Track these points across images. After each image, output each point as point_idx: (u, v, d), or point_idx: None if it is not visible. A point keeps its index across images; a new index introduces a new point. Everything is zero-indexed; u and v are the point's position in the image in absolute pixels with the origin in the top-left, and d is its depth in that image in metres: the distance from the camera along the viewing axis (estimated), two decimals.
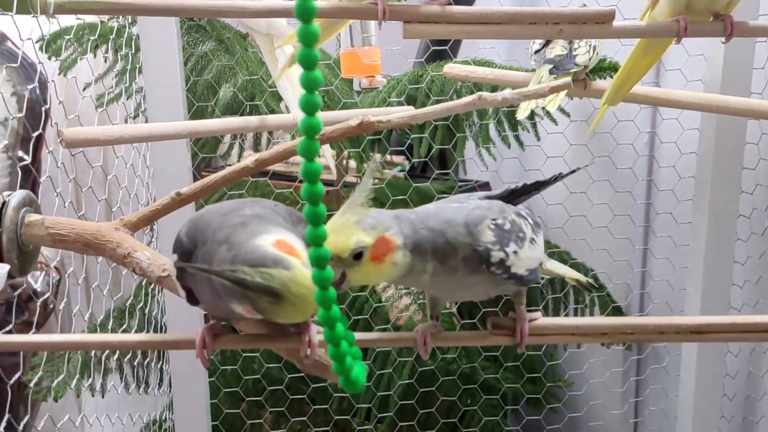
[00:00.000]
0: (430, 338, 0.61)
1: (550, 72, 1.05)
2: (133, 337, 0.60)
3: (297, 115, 0.89)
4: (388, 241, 0.53)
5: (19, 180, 0.95)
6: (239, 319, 0.60)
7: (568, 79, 0.71)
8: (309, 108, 0.35)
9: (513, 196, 0.65)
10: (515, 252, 0.57)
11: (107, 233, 0.62)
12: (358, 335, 0.58)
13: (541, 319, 0.61)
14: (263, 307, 0.48)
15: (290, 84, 0.92)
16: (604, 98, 0.96)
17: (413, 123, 0.65)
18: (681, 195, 1.35)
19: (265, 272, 0.47)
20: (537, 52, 1.08)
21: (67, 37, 1.23)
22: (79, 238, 0.62)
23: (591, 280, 0.76)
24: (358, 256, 0.52)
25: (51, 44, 1.29)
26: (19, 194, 0.62)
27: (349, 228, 0.52)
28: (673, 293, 1.39)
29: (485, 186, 1.74)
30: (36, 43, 1.17)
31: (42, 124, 1.41)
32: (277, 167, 1.77)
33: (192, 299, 0.58)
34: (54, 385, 1.06)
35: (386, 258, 0.53)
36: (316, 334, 0.58)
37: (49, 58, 1.29)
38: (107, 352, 1.17)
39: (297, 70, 0.93)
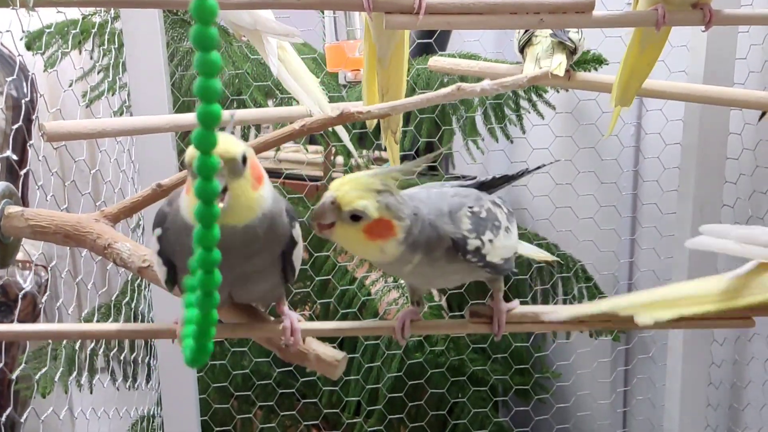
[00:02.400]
0: (409, 325, 0.61)
1: (551, 36, 1.04)
2: (112, 326, 0.60)
3: (309, 105, 0.89)
4: (391, 227, 0.53)
5: (3, 174, 0.94)
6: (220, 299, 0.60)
7: (545, 69, 0.72)
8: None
9: (483, 188, 0.66)
10: (491, 240, 0.58)
11: (87, 224, 0.62)
12: (341, 324, 0.58)
13: (519, 308, 0.61)
14: None
15: (293, 76, 0.92)
16: (612, 100, 0.96)
17: (393, 113, 0.66)
18: (666, 185, 1.35)
19: None
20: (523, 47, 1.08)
21: (48, 30, 1.22)
22: (58, 229, 0.62)
23: (558, 259, 0.76)
24: (355, 218, 0.52)
25: (35, 41, 1.28)
26: None
27: (368, 190, 0.52)
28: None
29: (472, 179, 1.74)
30: (20, 40, 1.17)
31: (25, 117, 1.40)
32: (265, 164, 1.79)
33: (171, 280, 0.57)
34: (38, 377, 1.06)
35: (378, 240, 0.53)
36: (297, 322, 0.58)
37: (33, 55, 1.29)
38: (94, 347, 1.17)
39: (297, 63, 0.93)
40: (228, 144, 0.49)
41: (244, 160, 0.50)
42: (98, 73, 1.32)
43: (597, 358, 1.52)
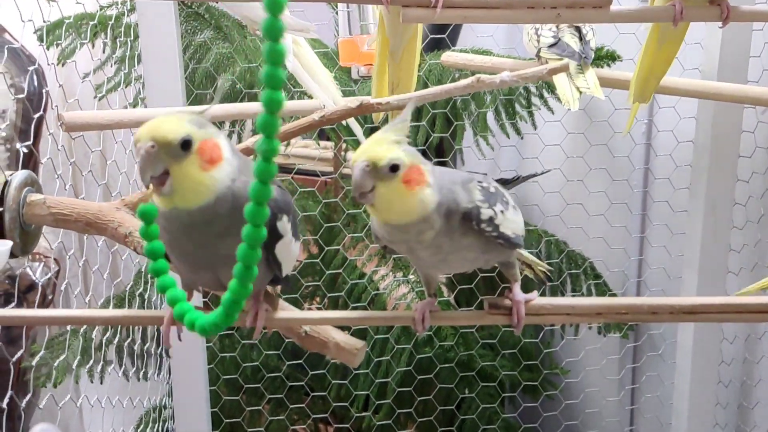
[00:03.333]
0: (429, 315, 0.61)
1: (578, 66, 1.05)
2: (101, 312, 0.61)
3: (323, 99, 0.89)
4: (421, 172, 0.54)
5: (20, 163, 0.95)
6: (205, 283, 0.61)
7: (566, 60, 0.72)
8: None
9: None
10: (502, 212, 0.59)
11: (108, 213, 0.63)
12: (360, 314, 0.59)
13: (537, 299, 0.61)
14: None
15: (308, 71, 0.92)
16: (630, 96, 0.96)
17: (412, 104, 0.66)
18: (677, 183, 1.35)
19: None
20: (552, 45, 1.07)
21: (67, 21, 1.23)
22: (80, 217, 0.62)
23: (549, 269, 0.77)
24: (394, 168, 0.52)
25: (50, 33, 1.29)
26: (21, 174, 0.62)
27: (390, 143, 0.53)
28: (669, 281, 1.40)
29: (504, 184, 1.74)
30: (35, 32, 1.18)
31: (42, 107, 1.41)
32: (278, 159, 1.79)
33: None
34: (56, 365, 1.07)
35: (416, 188, 0.54)
36: (264, 311, 0.59)
37: (48, 48, 1.29)
38: (106, 338, 1.18)
39: (311, 57, 0.94)
40: (164, 128, 0.51)
41: (187, 143, 0.51)
42: (112, 65, 1.33)
43: (606, 355, 1.52)
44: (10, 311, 0.59)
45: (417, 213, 0.55)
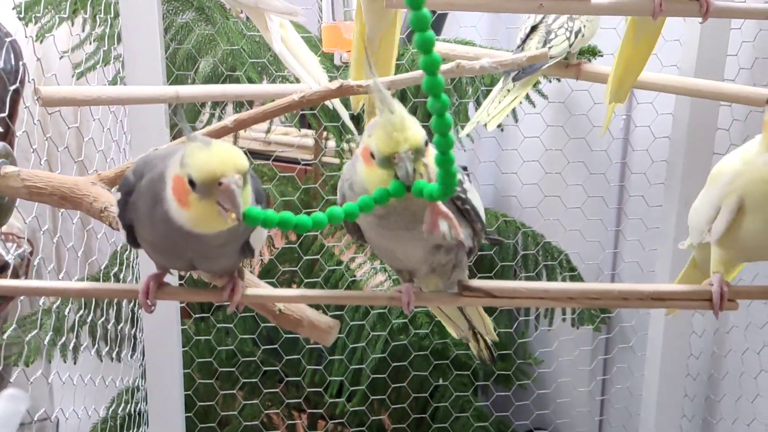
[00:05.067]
0: (413, 297, 0.62)
1: (513, 80, 1.06)
2: (75, 284, 0.60)
3: (309, 82, 0.89)
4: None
5: None
6: (179, 267, 0.62)
7: (545, 49, 0.72)
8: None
9: None
10: (470, 182, 0.60)
11: (84, 187, 0.62)
12: (334, 293, 0.59)
13: (513, 282, 0.62)
14: (190, 151, 0.50)
15: (294, 54, 0.92)
16: (607, 96, 0.97)
17: (392, 88, 0.66)
18: (653, 178, 1.37)
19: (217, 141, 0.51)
20: (517, 47, 1.09)
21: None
22: (55, 191, 0.62)
23: (491, 343, 0.78)
24: (426, 143, 0.53)
25: (29, 10, 1.27)
26: None
27: (410, 121, 0.53)
28: (642, 275, 1.42)
29: (463, 169, 1.75)
30: (14, 8, 1.16)
31: (19, 80, 1.39)
32: (255, 146, 1.78)
33: (132, 240, 0.59)
34: (28, 340, 1.06)
35: (431, 154, 0.54)
36: (243, 286, 0.59)
37: (26, 24, 1.27)
38: (80, 317, 1.17)
39: (297, 41, 0.93)
40: (240, 159, 0.51)
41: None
42: (91, 43, 1.31)
43: (578, 346, 1.54)
44: None
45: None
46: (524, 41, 1.08)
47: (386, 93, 0.52)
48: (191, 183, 0.50)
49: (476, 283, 0.61)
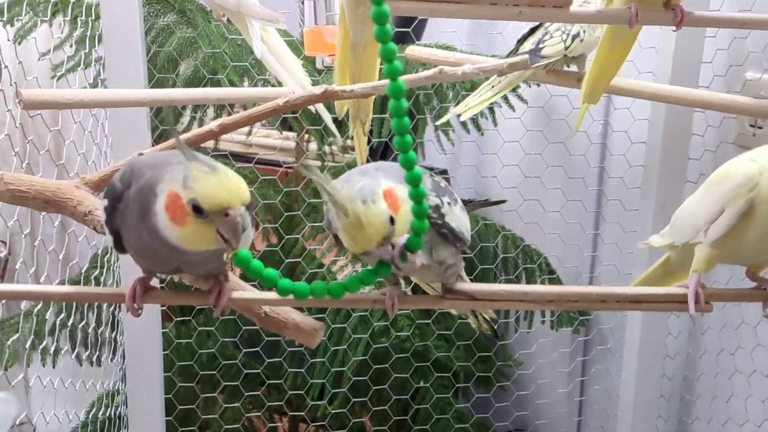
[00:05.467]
0: (397, 299, 0.63)
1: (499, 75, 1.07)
2: (60, 288, 0.60)
3: (292, 86, 0.89)
4: (389, 191, 0.56)
5: None
6: (164, 272, 0.62)
7: (525, 56, 0.74)
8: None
9: None
10: (449, 204, 0.61)
11: (68, 191, 0.62)
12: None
13: (494, 285, 0.63)
14: (194, 174, 0.50)
15: (276, 58, 0.92)
16: (581, 97, 0.99)
17: (375, 93, 0.67)
18: (630, 183, 1.40)
19: (217, 163, 0.52)
20: (512, 49, 1.10)
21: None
22: (38, 195, 0.62)
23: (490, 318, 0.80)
24: (391, 221, 0.54)
25: (9, 10, 1.26)
26: None
27: (380, 215, 0.53)
28: (620, 277, 1.44)
29: (443, 173, 1.76)
30: None
31: None
32: (236, 149, 1.78)
33: (119, 246, 0.59)
34: (8, 344, 1.05)
35: (399, 204, 0.55)
36: (229, 290, 0.60)
37: (4, 26, 1.26)
38: (60, 320, 1.16)
39: (279, 44, 0.93)
40: (243, 190, 0.52)
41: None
42: (71, 46, 1.30)
43: (557, 348, 1.56)
44: None
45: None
46: (521, 42, 1.09)
47: (336, 194, 0.53)
48: (196, 208, 0.50)
49: (458, 286, 0.62)
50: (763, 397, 1.16)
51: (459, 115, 1.09)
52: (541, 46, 1.06)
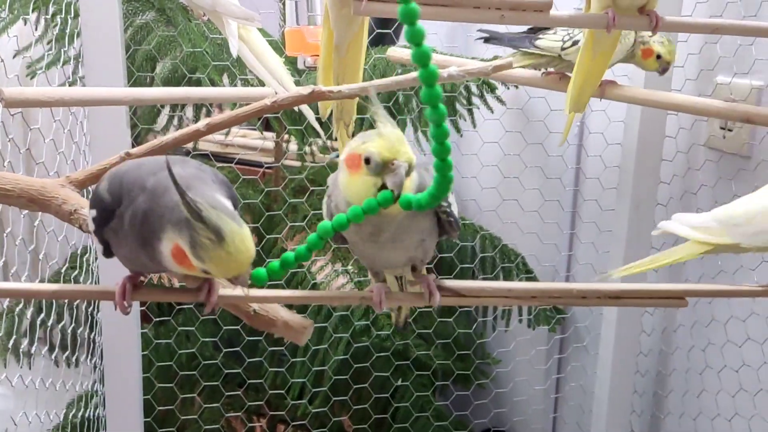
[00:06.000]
0: (385, 296, 0.64)
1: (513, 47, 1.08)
2: (48, 286, 0.60)
3: (274, 85, 0.89)
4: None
5: None
6: (154, 273, 0.63)
7: (510, 59, 0.75)
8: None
9: None
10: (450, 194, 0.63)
11: (53, 189, 0.62)
12: (313, 293, 0.61)
13: (479, 282, 0.65)
14: (201, 242, 0.51)
15: (258, 57, 0.92)
16: (567, 106, 1.00)
17: (363, 94, 0.68)
18: (606, 183, 1.42)
19: (221, 216, 0.51)
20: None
21: None
22: (23, 193, 0.61)
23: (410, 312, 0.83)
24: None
25: None
26: None
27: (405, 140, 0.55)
28: (596, 276, 1.47)
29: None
30: None
31: None
32: (215, 149, 1.77)
33: (108, 252, 0.60)
34: None
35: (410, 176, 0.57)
36: (217, 286, 0.60)
37: None
38: (36, 320, 1.15)
39: (260, 43, 0.94)
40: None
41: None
42: (48, 43, 1.29)
43: (535, 346, 1.58)
44: None
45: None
46: (532, 30, 1.10)
47: (382, 109, 0.55)
48: (207, 272, 0.52)
49: (446, 283, 0.64)
50: (732, 392, 1.20)
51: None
52: (540, 36, 1.08)
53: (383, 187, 0.55)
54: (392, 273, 0.69)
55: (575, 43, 1.05)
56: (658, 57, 1.04)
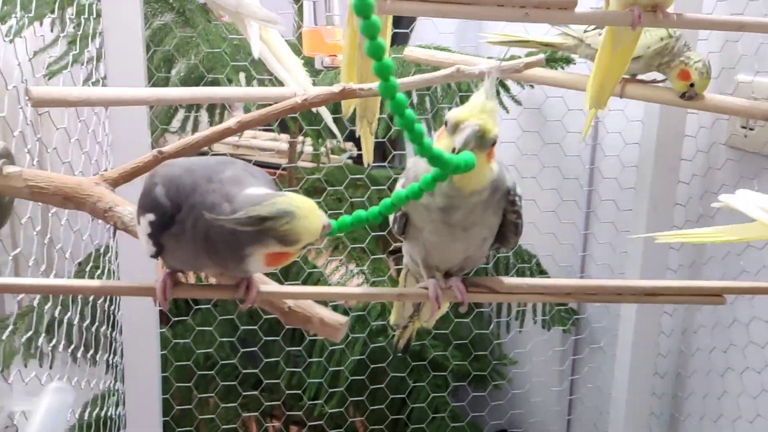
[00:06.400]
0: (441, 292, 0.64)
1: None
2: (91, 283, 0.59)
3: (293, 86, 0.89)
4: (494, 145, 0.58)
5: None
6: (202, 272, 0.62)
7: (541, 56, 0.75)
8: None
9: None
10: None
11: (88, 187, 0.62)
12: (369, 290, 0.61)
13: (515, 278, 0.65)
14: (284, 231, 0.51)
15: (277, 58, 0.93)
16: (586, 102, 1.00)
17: (405, 90, 0.68)
18: (623, 183, 1.42)
19: (267, 203, 0.52)
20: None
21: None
22: (58, 191, 0.61)
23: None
24: (493, 143, 0.56)
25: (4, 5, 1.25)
26: None
27: (495, 116, 0.56)
28: (612, 276, 1.47)
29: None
30: None
31: None
32: (227, 150, 1.77)
33: (157, 254, 0.59)
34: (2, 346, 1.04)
35: (491, 160, 0.57)
36: (257, 283, 0.60)
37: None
38: (54, 319, 1.15)
39: (279, 44, 0.94)
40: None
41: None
42: (68, 44, 1.29)
43: (552, 347, 1.58)
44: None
45: (485, 183, 0.58)
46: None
47: (492, 84, 0.56)
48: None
49: (480, 279, 0.63)
50: (755, 394, 1.19)
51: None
52: (590, 29, 1.07)
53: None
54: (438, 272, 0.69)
55: (597, 27, 1.05)
56: (691, 84, 1.04)
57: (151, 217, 0.56)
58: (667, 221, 1.31)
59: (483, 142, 0.55)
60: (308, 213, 0.52)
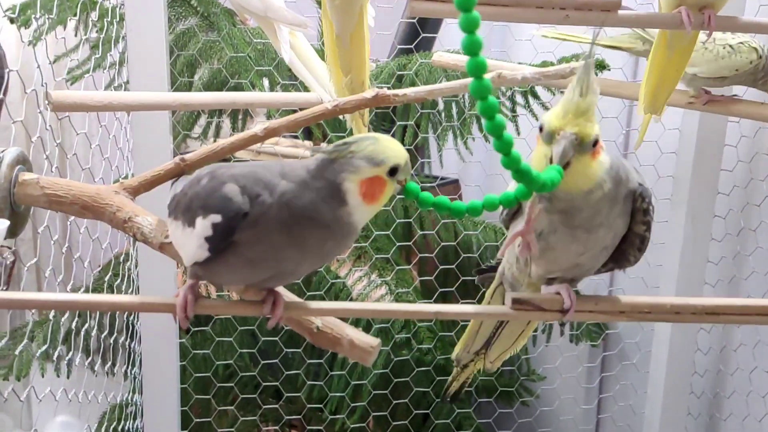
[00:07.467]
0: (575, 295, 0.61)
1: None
2: (108, 297, 0.57)
3: (320, 91, 0.86)
4: (599, 139, 0.54)
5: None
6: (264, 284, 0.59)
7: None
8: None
9: None
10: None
11: (107, 196, 0.59)
12: (454, 308, 0.58)
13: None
14: (370, 150, 0.52)
15: (304, 63, 0.89)
16: (640, 108, 0.95)
17: (429, 98, 0.64)
18: (659, 194, 1.36)
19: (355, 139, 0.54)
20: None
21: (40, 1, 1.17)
22: (76, 200, 0.58)
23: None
24: (594, 144, 0.53)
25: (20, 15, 1.23)
26: (13, 151, 0.58)
27: (592, 115, 0.52)
28: (647, 290, 1.41)
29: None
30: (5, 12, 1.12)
31: (3, 90, 1.34)
32: (247, 156, 1.75)
33: (209, 259, 0.55)
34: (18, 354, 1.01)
35: (597, 156, 0.53)
36: (282, 300, 0.56)
37: (19, 29, 1.23)
38: (70, 330, 1.13)
39: (307, 50, 0.91)
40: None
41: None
42: (91, 49, 1.27)
43: (582, 363, 1.52)
44: (12, 294, 0.55)
45: (595, 180, 0.55)
46: None
47: (591, 77, 0.52)
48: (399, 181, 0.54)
49: (526, 295, 0.59)
50: None
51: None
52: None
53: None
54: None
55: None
56: None
57: (217, 218, 0.53)
58: (705, 234, 1.25)
59: (582, 148, 0.52)
60: (390, 140, 0.53)
